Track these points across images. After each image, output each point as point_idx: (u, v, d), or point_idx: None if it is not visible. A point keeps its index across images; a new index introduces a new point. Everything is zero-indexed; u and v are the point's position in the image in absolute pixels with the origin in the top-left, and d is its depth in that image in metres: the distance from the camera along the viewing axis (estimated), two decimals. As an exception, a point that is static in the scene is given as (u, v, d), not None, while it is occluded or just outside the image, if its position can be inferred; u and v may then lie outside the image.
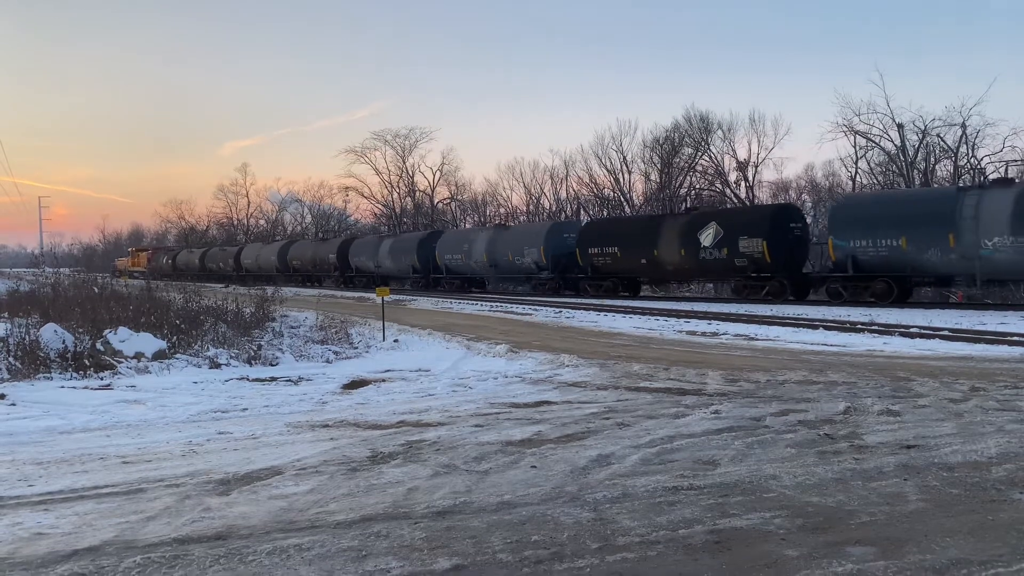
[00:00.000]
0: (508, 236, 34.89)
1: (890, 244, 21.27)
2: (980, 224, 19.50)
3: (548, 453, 5.96)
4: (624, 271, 29.15)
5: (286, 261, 50.90)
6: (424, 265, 38.95)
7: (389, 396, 9.13)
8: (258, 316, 16.73)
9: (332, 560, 3.85)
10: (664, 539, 4.06)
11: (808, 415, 7.18)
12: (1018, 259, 18.96)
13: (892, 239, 21.21)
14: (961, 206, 20.02)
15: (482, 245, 35.37)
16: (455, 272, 37.50)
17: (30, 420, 7.65)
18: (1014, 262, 19.10)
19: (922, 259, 20.73)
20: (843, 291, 22.49)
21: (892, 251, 21.24)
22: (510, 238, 34.49)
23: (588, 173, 52.39)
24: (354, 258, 44.73)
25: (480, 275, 36.99)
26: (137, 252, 75.90)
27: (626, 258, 28.48)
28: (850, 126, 38.29)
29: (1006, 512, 4.41)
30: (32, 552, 4.05)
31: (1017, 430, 6.39)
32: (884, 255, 21.42)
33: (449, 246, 37.83)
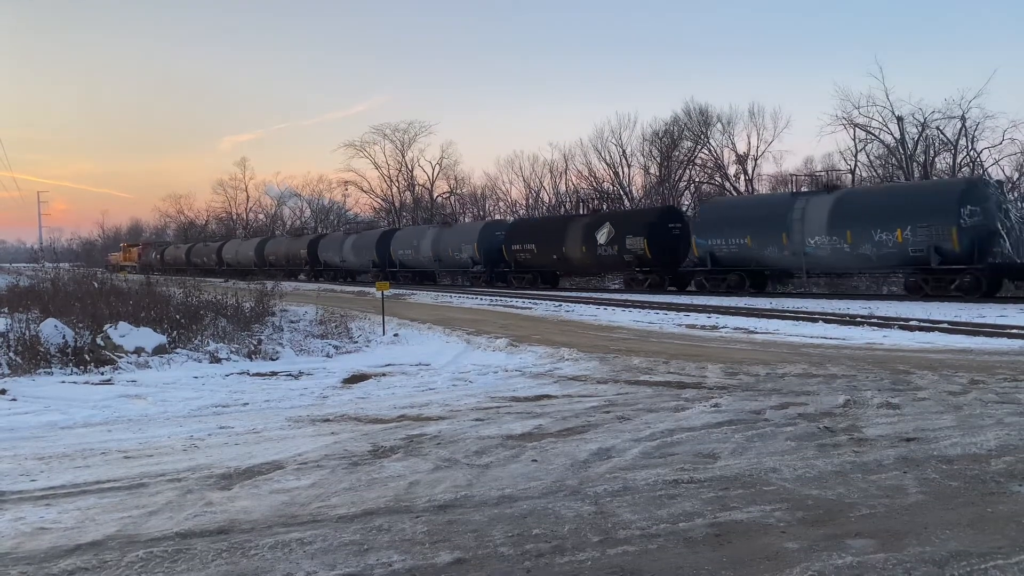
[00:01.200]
0: (449, 234, 38.39)
1: (740, 242, 24.88)
2: (806, 225, 23.03)
3: (549, 447, 5.98)
4: (540, 265, 32.96)
5: (263, 256, 53.79)
6: (382, 260, 42.06)
7: (390, 390, 9.14)
8: (258, 311, 16.72)
9: (334, 554, 3.87)
10: (664, 532, 4.07)
11: (808, 408, 7.19)
12: (834, 255, 22.66)
13: (741, 238, 24.82)
14: (792, 210, 23.55)
15: (429, 242, 38.93)
16: (407, 266, 40.84)
17: (31, 415, 7.67)
18: (831, 258, 22.81)
19: (764, 255, 24.40)
20: (705, 283, 26.24)
21: (741, 248, 24.86)
22: (451, 236, 38.01)
23: (587, 167, 52.30)
24: (322, 253, 47.94)
25: (428, 269, 39.83)
26: (128, 247, 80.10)
27: (541, 254, 32.30)
28: (849, 119, 38.17)
29: (1005, 504, 4.42)
30: (35, 547, 4.06)
31: (1016, 423, 6.40)
32: (735, 251, 25.07)
33: (402, 243, 41.24)
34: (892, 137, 37.84)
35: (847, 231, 22.29)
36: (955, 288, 20.85)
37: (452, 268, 38.56)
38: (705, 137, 46.92)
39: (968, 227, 20.53)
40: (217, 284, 27.63)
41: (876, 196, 23.94)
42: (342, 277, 46.04)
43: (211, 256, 59.58)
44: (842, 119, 38.37)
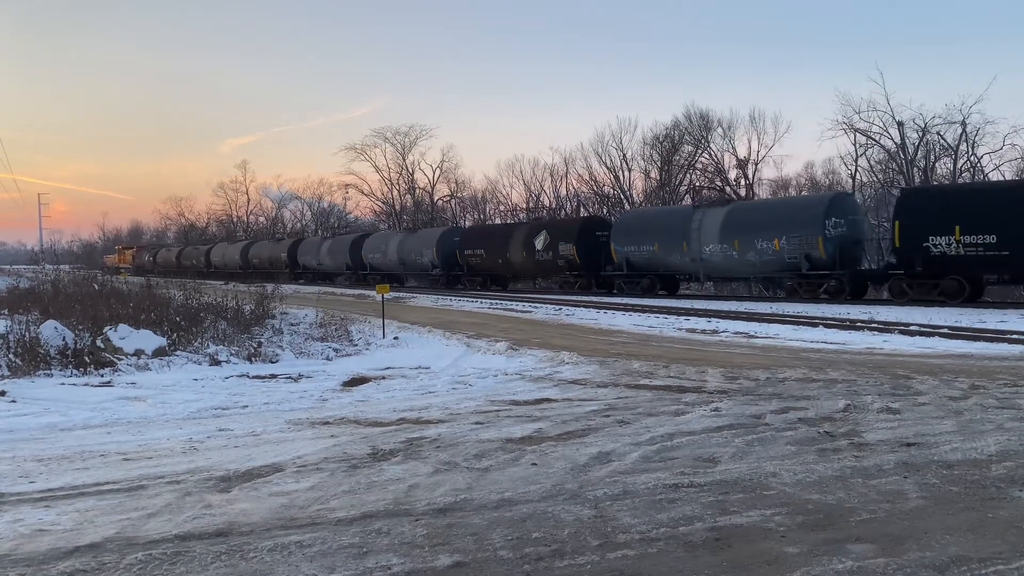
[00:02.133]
0: (413, 240, 41.19)
1: (650, 249, 27.65)
2: (702, 235, 25.72)
3: (548, 451, 5.97)
4: (488, 269, 35.72)
5: (247, 259, 55.93)
6: (354, 263, 44.68)
7: (389, 393, 9.13)
8: (258, 313, 16.73)
9: (333, 557, 3.86)
10: (664, 536, 4.06)
11: (808, 413, 7.19)
12: (725, 261, 25.35)
13: (650, 245, 27.60)
14: (692, 220, 26.28)
15: (395, 247, 41.69)
16: (377, 269, 42.98)
17: (31, 417, 7.66)
18: (723, 263, 25.58)
19: (669, 260, 27.22)
20: (624, 285, 28.87)
21: (651, 255, 27.70)
22: (414, 241, 40.83)
23: (588, 171, 52.39)
24: (301, 257, 50.68)
25: (395, 271, 41.97)
26: (123, 250, 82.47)
27: (489, 259, 35.13)
28: (850, 124, 38.29)
29: (1006, 510, 4.41)
30: (34, 549, 4.05)
31: (1017, 428, 6.39)
32: (647, 257, 27.89)
33: (372, 247, 43.85)
34: (893, 142, 37.94)
35: (736, 240, 24.86)
36: (823, 291, 23.13)
37: (415, 271, 40.94)
38: (706, 142, 47.03)
39: (832, 237, 22.71)
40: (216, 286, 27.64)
41: (759, 209, 27.10)
42: (319, 279, 48.00)
43: (200, 259, 61.73)
44: (843, 124, 38.51)
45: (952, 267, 20.24)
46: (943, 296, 20.48)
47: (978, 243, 19.64)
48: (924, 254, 20.60)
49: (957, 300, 20.10)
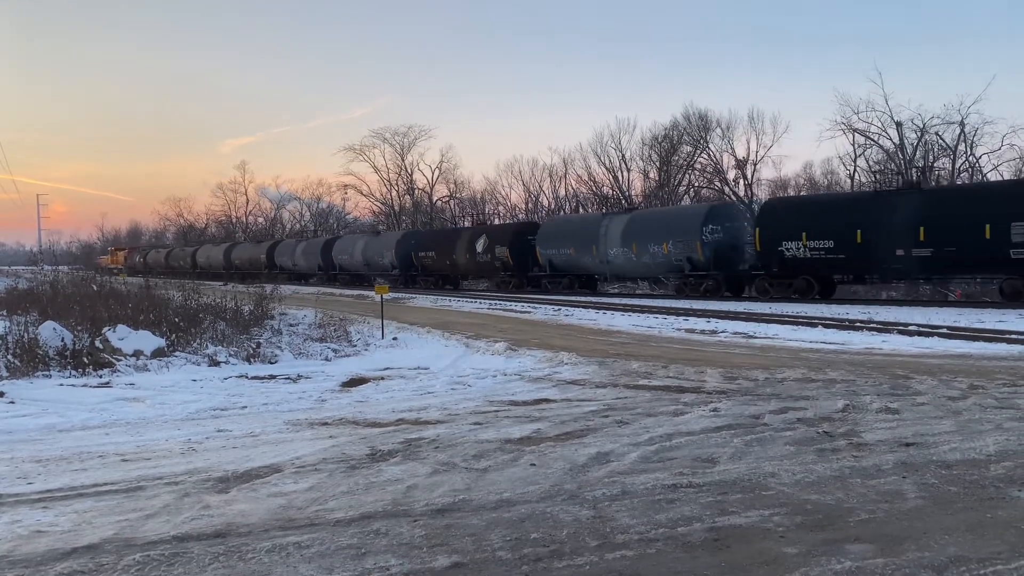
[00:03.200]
0: (375, 242, 44.38)
1: (567, 252, 31.20)
2: (608, 240, 29.19)
3: (547, 451, 5.97)
4: (439, 269, 38.94)
5: (230, 260, 58.56)
6: (326, 264, 47.55)
7: (388, 394, 9.12)
8: (257, 314, 16.71)
9: (331, 558, 3.85)
10: (663, 537, 4.06)
11: (807, 413, 7.19)
12: (626, 263, 29.07)
13: (568, 249, 31.16)
14: (600, 227, 29.80)
15: (360, 249, 44.77)
16: (345, 269, 46.00)
17: (29, 418, 7.65)
18: (625, 265, 29.41)
19: (583, 262, 30.81)
20: (548, 284, 32.48)
21: (569, 257, 31.27)
22: (376, 244, 44.05)
23: (587, 171, 52.36)
24: (278, 258, 53.40)
25: (361, 272, 44.76)
26: (116, 251, 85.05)
27: (439, 260, 38.44)
28: (849, 124, 38.26)
29: (1004, 510, 4.41)
30: (31, 550, 4.05)
31: (1015, 428, 6.39)
32: (566, 259, 31.46)
33: (341, 250, 46.66)
34: (891, 142, 37.91)
35: (634, 244, 28.32)
36: (703, 290, 26.24)
37: (378, 271, 43.39)
38: (705, 142, 46.96)
39: (709, 242, 26.05)
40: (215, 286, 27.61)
41: (653, 217, 30.12)
42: (295, 279, 49.54)
43: (187, 260, 64.25)
44: (841, 124, 38.47)
45: (802, 268, 23.62)
46: (796, 294, 23.74)
47: (820, 248, 23.05)
48: (779, 257, 23.95)
49: (808, 297, 23.43)
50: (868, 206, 22.97)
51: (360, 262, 44.62)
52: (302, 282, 47.76)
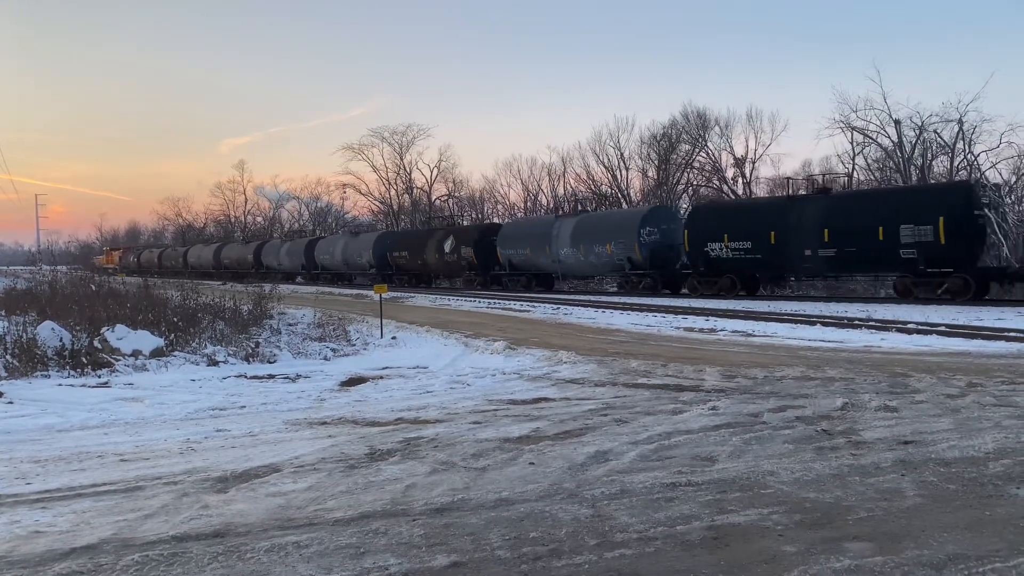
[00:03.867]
0: (355, 243, 46.20)
1: (524, 252, 33.71)
2: (559, 241, 31.64)
3: (546, 450, 5.97)
4: (411, 269, 41.15)
5: (219, 260, 60.31)
6: (309, 263, 49.46)
7: (387, 393, 9.12)
8: (256, 314, 16.71)
9: (330, 557, 3.85)
10: (662, 535, 4.06)
11: (806, 411, 7.19)
12: (575, 262, 31.41)
13: (524, 249, 33.67)
14: (553, 228, 32.43)
15: (340, 249, 46.65)
16: (327, 268, 48.07)
17: (28, 418, 7.64)
18: (574, 264, 31.68)
19: (538, 262, 33.11)
20: (508, 282, 34.88)
21: (525, 257, 33.73)
22: (355, 244, 45.90)
23: (586, 170, 52.40)
24: (264, 258, 55.13)
25: (341, 271, 46.93)
26: (111, 251, 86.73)
27: (412, 260, 40.70)
28: (847, 122, 38.24)
29: (1003, 507, 4.41)
30: (30, 550, 4.04)
31: (1014, 426, 6.40)
32: (522, 259, 33.92)
33: (322, 250, 48.75)
34: (890, 140, 37.90)
35: (582, 245, 30.56)
36: (642, 287, 28.59)
37: (356, 271, 45.74)
38: (703, 140, 47.02)
39: (647, 243, 28.22)
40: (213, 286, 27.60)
41: (597, 219, 32.60)
42: (280, 278, 50.66)
43: (179, 260, 66.03)
44: (840, 122, 38.46)
45: (726, 267, 25.84)
46: (721, 291, 25.78)
47: (740, 248, 25.24)
48: (706, 257, 26.18)
49: (732, 294, 25.57)
50: (781, 210, 24.97)
51: (340, 262, 46.60)
52: (288, 280, 49.24)
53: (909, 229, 21.38)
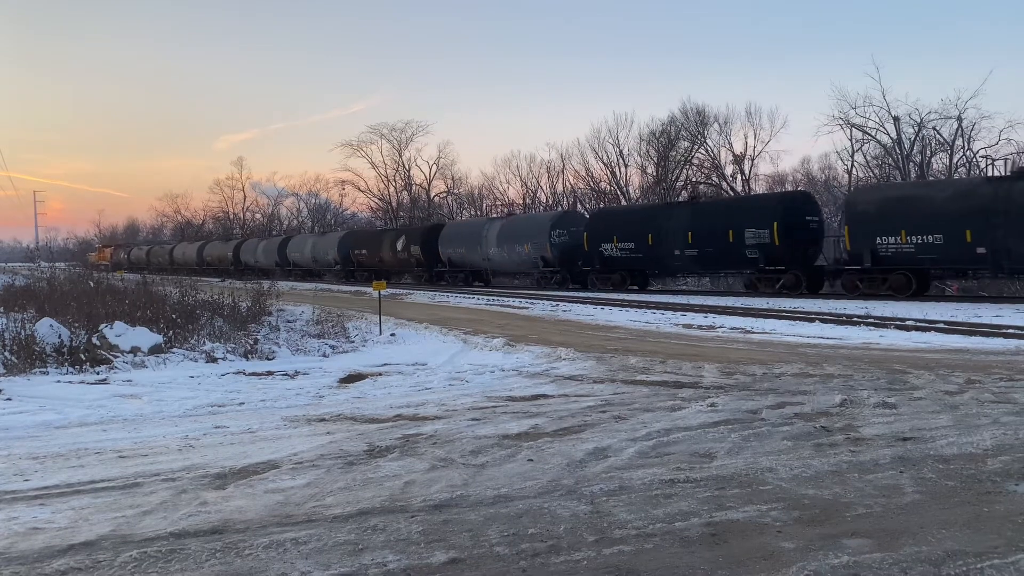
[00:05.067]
0: (322, 241, 49.76)
1: (461, 251, 37.07)
2: (488, 241, 34.92)
3: (545, 446, 5.97)
4: (370, 265, 43.86)
5: (203, 257, 63.18)
6: (282, 260, 52.52)
7: (386, 390, 9.12)
8: (254, 310, 16.71)
9: (329, 554, 3.85)
10: (661, 532, 4.06)
11: (804, 408, 7.19)
12: (501, 260, 34.81)
13: (461, 248, 37.05)
14: (483, 229, 35.74)
15: (309, 248, 50.15)
16: (298, 265, 51.18)
17: (26, 415, 7.64)
18: (501, 262, 34.99)
19: (471, 260, 36.42)
20: (448, 278, 37.96)
21: (462, 255, 37.13)
22: (322, 243, 49.34)
23: (585, 167, 52.39)
24: (243, 256, 57.70)
25: (311, 268, 50.10)
26: (103, 248, 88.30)
27: (370, 257, 43.99)
28: (846, 119, 38.23)
29: (1001, 504, 4.42)
30: (28, 546, 4.04)
31: (1012, 422, 6.40)
32: (460, 257, 37.29)
33: (294, 248, 52.32)
34: (889, 137, 37.91)
35: (505, 245, 34.06)
36: (554, 283, 32.10)
37: (324, 267, 48.76)
38: (702, 137, 46.98)
39: (557, 244, 31.56)
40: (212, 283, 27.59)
41: (518, 222, 36.02)
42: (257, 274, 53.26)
43: (165, 257, 68.98)
44: (839, 119, 38.45)
45: (617, 265, 29.61)
46: (612, 286, 29.51)
47: (626, 248, 28.99)
48: (601, 256, 29.83)
49: (623, 288, 29.09)
50: (658, 215, 28.93)
51: (309, 259, 49.98)
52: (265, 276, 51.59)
53: (752, 232, 24.80)
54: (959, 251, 20.54)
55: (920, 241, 21.13)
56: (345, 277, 45.70)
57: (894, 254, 21.69)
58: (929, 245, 20.98)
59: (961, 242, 20.33)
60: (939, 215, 20.74)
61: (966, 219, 20.16)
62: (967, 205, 20.44)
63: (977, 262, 20.73)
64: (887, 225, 21.68)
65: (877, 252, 21.97)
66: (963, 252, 20.47)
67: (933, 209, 21.02)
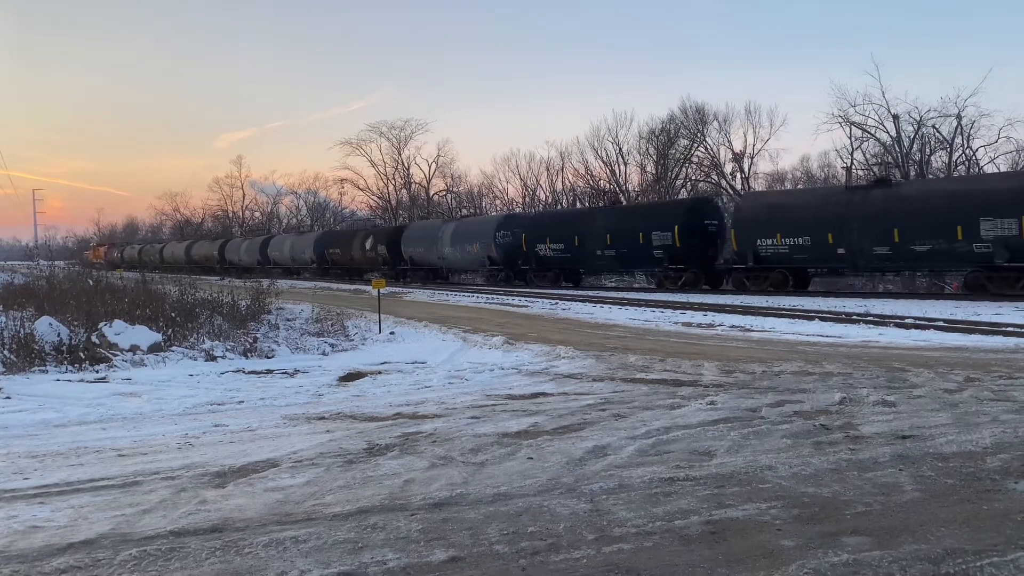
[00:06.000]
0: (300, 241, 52.76)
1: (421, 251, 39.93)
2: (444, 241, 37.82)
3: (544, 444, 5.97)
4: (344, 263, 46.91)
5: (190, 255, 65.81)
6: (263, 259, 55.01)
7: (385, 388, 9.12)
8: (254, 308, 16.69)
9: (328, 552, 3.85)
10: (660, 530, 4.06)
11: (804, 406, 7.19)
12: (454, 259, 37.74)
13: (421, 248, 39.90)
14: (440, 231, 38.78)
15: (288, 247, 53.41)
16: (278, 264, 53.90)
17: (25, 413, 7.64)
18: (453, 260, 37.95)
19: (429, 258, 39.42)
20: (408, 275, 40.60)
21: (421, 254, 39.87)
22: (300, 243, 52.21)
23: (584, 165, 52.39)
24: (227, 255, 60.27)
25: (289, 266, 52.98)
26: (97, 247, 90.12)
27: (343, 256, 46.66)
28: (845, 117, 38.22)
29: (1000, 502, 4.42)
30: (28, 545, 4.04)
31: (1012, 420, 6.41)
32: (419, 256, 40.12)
33: (274, 246, 55.58)
34: (888, 135, 37.89)
35: (458, 245, 36.90)
36: (499, 280, 34.99)
37: (301, 265, 51.89)
38: (701, 135, 46.96)
39: (501, 244, 34.33)
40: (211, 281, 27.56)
41: (468, 224, 38.91)
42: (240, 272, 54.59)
43: (155, 255, 71.24)
44: (838, 117, 38.45)
45: (550, 264, 32.55)
46: (548, 283, 32.31)
47: (557, 249, 31.79)
48: (537, 256, 33.00)
49: (557, 284, 31.98)
50: (583, 219, 32.16)
51: (288, 257, 53.02)
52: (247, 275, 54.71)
53: (658, 235, 27.51)
54: (824, 251, 23.36)
55: (793, 243, 24.04)
56: (320, 274, 48.30)
57: (772, 254, 24.54)
58: (800, 246, 23.87)
59: (825, 244, 23.14)
60: (807, 220, 23.68)
61: (829, 223, 22.99)
62: (829, 211, 23.28)
63: (839, 261, 23.45)
64: (766, 229, 24.56)
65: (758, 252, 24.76)
66: (827, 252, 23.28)
67: (803, 214, 24.03)
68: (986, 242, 19.82)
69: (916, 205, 21.51)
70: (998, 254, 19.68)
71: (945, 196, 21.42)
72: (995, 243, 19.68)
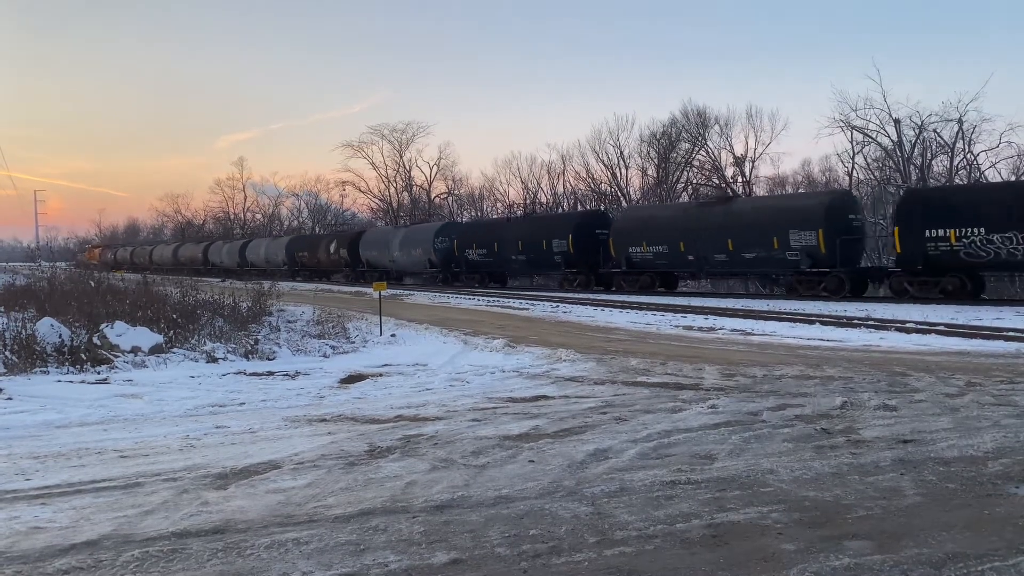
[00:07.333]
0: (274, 244, 56.45)
1: (376, 254, 42.96)
2: (395, 246, 41.30)
3: (546, 447, 5.97)
4: (312, 266, 50.17)
5: (177, 257, 68.51)
6: (243, 261, 57.71)
7: (386, 390, 9.13)
8: (255, 310, 16.71)
9: (330, 554, 3.86)
10: (661, 533, 4.06)
11: (805, 410, 7.19)
12: (403, 263, 41.11)
13: (376, 252, 43.05)
14: (392, 237, 42.67)
15: (263, 250, 56.59)
16: (255, 266, 55.83)
17: (27, 414, 7.64)
18: (402, 264, 41.28)
19: (383, 262, 42.33)
20: (367, 276, 41.72)
21: (376, 257, 43.14)
22: (274, 246, 56.03)
23: (585, 168, 52.37)
24: (211, 257, 63.09)
25: (264, 268, 54.86)
26: (92, 249, 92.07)
27: (311, 259, 50.05)
28: (847, 121, 38.19)
29: (1002, 506, 4.42)
30: (30, 546, 4.04)
31: (1013, 425, 6.41)
32: (375, 259, 43.01)
33: (251, 249, 58.32)
34: (889, 139, 37.88)
35: (405, 249, 40.49)
36: (438, 281, 38.30)
37: (275, 267, 54.31)
38: (703, 139, 46.96)
39: (439, 249, 38.11)
40: (212, 283, 27.56)
41: (414, 231, 42.47)
42: (222, 273, 57.22)
43: (146, 257, 73.93)
44: (840, 121, 38.43)
45: (476, 267, 36.34)
46: (475, 283, 35.94)
47: (482, 254, 35.73)
48: (466, 260, 36.35)
49: (484, 285, 35.55)
50: (500, 227, 36.18)
51: (263, 260, 55.81)
52: (227, 275, 55.64)
53: (557, 242, 31.48)
54: (678, 258, 27.39)
55: (656, 250, 27.97)
56: (291, 276, 51.21)
57: (641, 260, 28.59)
58: (661, 253, 27.84)
59: (679, 251, 27.14)
60: (666, 231, 27.70)
61: (681, 234, 27.03)
62: (682, 224, 27.40)
63: (690, 266, 27.78)
64: (635, 238, 28.60)
65: (631, 259, 28.85)
66: (681, 259, 27.34)
67: (663, 226, 28.09)
68: (795, 251, 23.81)
69: (746, 219, 25.38)
70: (803, 261, 23.61)
71: (767, 211, 25.48)
72: (801, 252, 23.66)
